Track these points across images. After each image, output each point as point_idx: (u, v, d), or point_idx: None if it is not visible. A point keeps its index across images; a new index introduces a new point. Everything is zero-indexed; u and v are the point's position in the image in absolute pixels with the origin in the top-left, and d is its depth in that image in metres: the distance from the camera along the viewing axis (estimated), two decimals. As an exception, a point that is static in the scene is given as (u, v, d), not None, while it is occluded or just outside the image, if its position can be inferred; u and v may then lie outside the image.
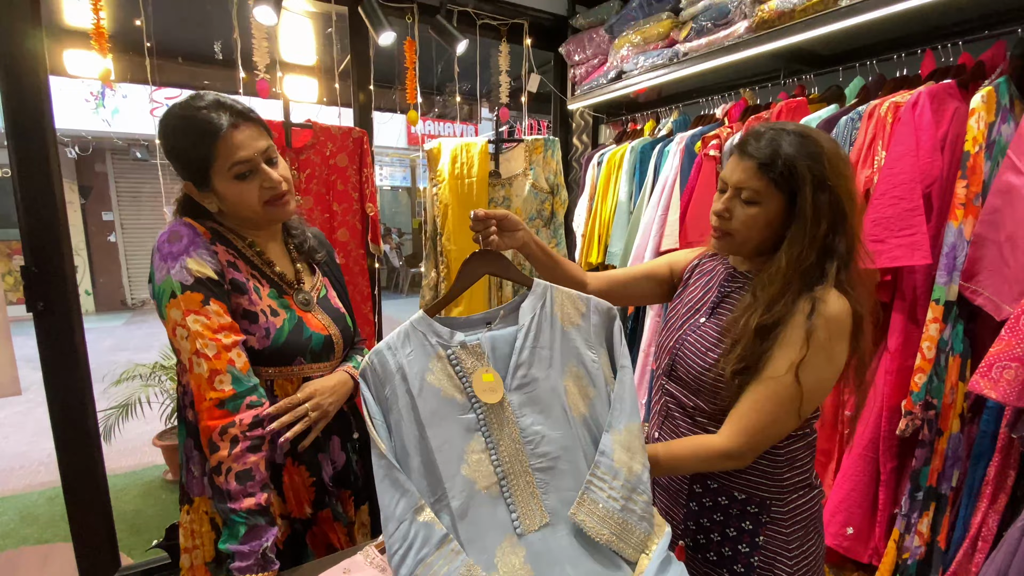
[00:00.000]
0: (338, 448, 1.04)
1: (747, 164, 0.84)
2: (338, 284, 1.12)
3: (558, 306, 0.84)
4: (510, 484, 0.77)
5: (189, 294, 0.82)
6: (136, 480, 3.05)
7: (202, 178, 0.88)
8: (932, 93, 1.22)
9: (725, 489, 0.91)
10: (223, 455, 0.81)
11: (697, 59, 1.74)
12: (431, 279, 2.12)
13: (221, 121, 0.84)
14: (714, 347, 0.89)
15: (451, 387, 0.79)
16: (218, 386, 0.82)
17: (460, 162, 2.00)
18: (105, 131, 6.70)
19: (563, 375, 0.81)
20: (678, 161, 1.77)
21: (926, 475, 1.25)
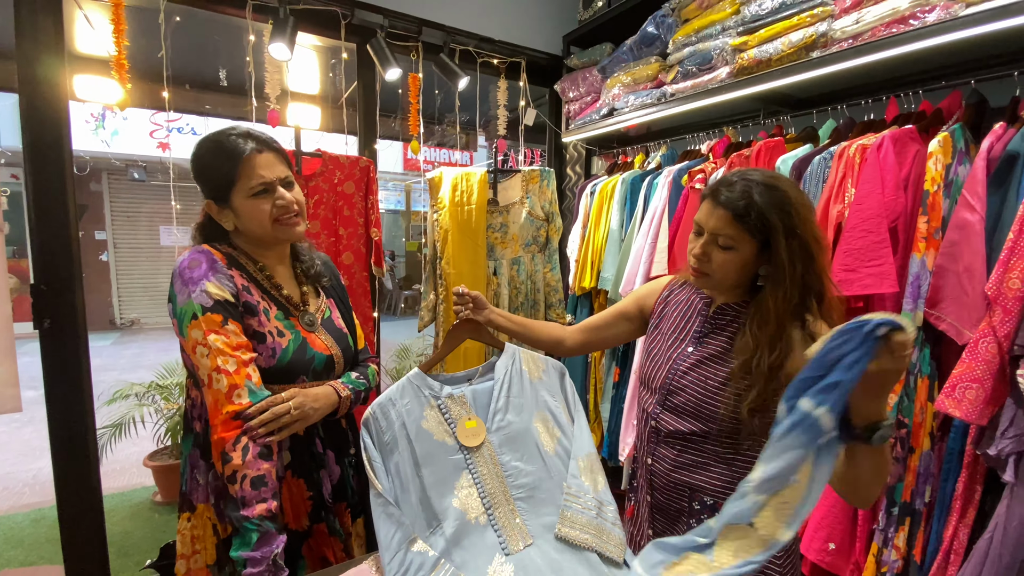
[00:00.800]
0: (333, 462, 1.10)
1: (721, 212, 0.91)
2: (342, 305, 1.19)
3: (525, 364, 1.06)
4: (495, 513, 0.91)
5: (210, 315, 0.90)
6: (125, 501, 3.02)
7: (223, 196, 0.97)
8: (895, 137, 1.35)
9: (720, 504, 0.92)
10: (237, 463, 0.87)
11: (683, 99, 1.87)
12: (430, 301, 2.19)
13: (247, 146, 0.95)
14: (712, 376, 0.96)
15: (442, 432, 0.95)
16: (236, 399, 0.88)
17: (460, 190, 2.10)
18: (103, 152, 6.79)
19: (533, 418, 1.00)
20: (666, 193, 1.88)
21: (900, 491, 1.33)
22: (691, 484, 1.00)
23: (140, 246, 8.64)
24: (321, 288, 1.15)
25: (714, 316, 1.02)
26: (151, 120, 6.67)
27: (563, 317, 2.25)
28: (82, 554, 1.80)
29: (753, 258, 0.93)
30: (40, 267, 1.67)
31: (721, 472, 0.97)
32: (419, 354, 4.13)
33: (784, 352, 0.88)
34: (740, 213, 0.89)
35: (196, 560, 1.02)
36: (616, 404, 2.16)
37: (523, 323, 1.20)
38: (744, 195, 0.90)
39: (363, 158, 1.95)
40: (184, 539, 1.03)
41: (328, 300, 1.16)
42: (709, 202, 0.94)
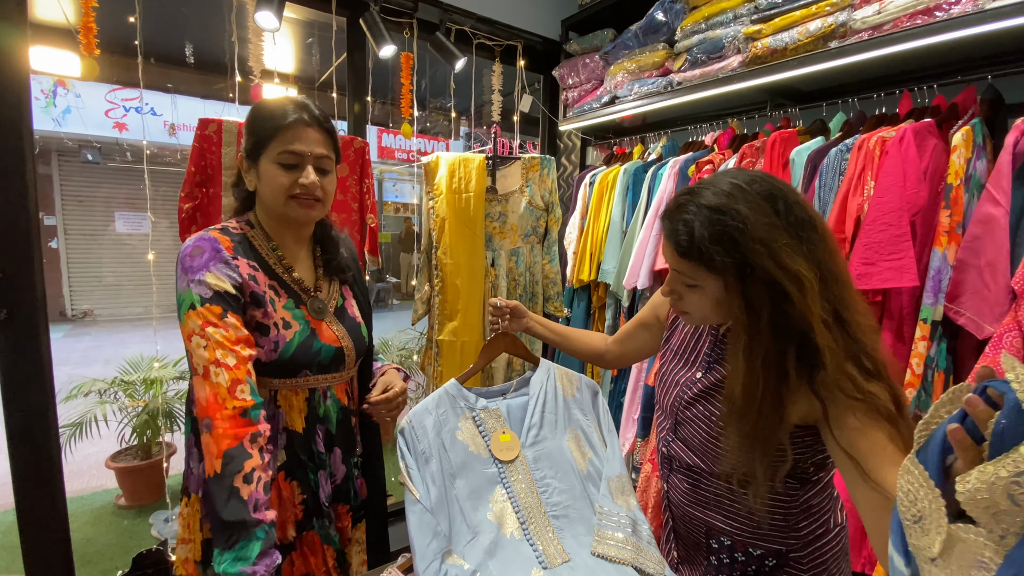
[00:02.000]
0: (339, 460, 1.04)
1: (672, 250, 0.76)
2: (361, 295, 1.12)
3: (559, 380, 1.06)
4: (531, 528, 0.90)
5: (209, 307, 0.84)
6: (86, 506, 2.82)
7: (255, 153, 0.92)
8: (916, 130, 1.34)
9: (740, 545, 0.87)
10: (257, 463, 0.80)
11: (690, 88, 1.83)
12: (424, 293, 2.10)
13: (297, 115, 0.91)
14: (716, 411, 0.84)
15: (477, 444, 0.94)
16: (240, 395, 0.82)
17: (458, 176, 2.00)
18: (54, 131, 6.33)
19: (565, 436, 1.00)
20: (672, 184, 1.84)
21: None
22: (707, 522, 0.90)
23: (94, 233, 8.12)
24: (342, 279, 1.09)
25: (723, 340, 0.88)
26: (107, 98, 6.26)
27: (561, 311, 2.19)
28: (45, 562, 1.65)
29: (725, 290, 0.74)
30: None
31: (738, 513, 0.86)
32: (400, 348, 4.02)
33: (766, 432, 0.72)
34: (687, 251, 0.73)
35: (191, 549, 0.96)
36: (614, 398, 2.13)
37: (562, 332, 1.18)
38: (686, 225, 0.73)
39: (357, 139, 1.83)
40: (183, 522, 0.98)
41: (345, 288, 1.09)
42: (667, 241, 0.77)
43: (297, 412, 0.96)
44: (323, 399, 1.00)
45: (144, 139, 1.50)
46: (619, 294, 2.04)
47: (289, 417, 0.95)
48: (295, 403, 0.96)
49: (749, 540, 0.86)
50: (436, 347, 2.05)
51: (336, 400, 1.02)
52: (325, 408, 1.00)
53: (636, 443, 1.95)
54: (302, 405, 0.97)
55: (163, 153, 6.20)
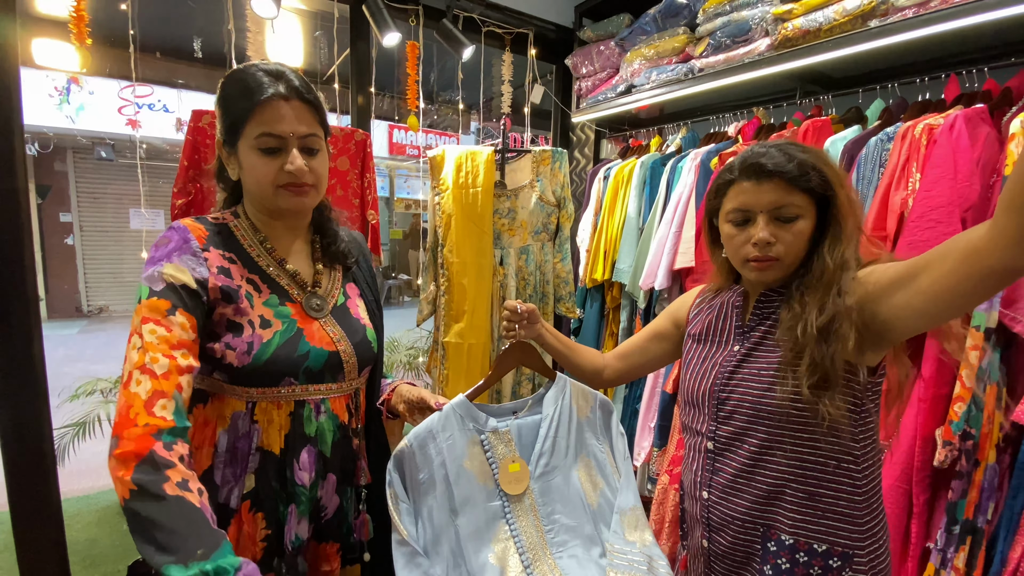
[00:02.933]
0: (332, 490, 0.87)
1: (776, 183, 0.81)
2: (370, 293, 0.98)
3: (574, 399, 0.96)
4: (535, 571, 0.81)
5: (155, 300, 0.72)
6: (91, 505, 2.79)
7: (232, 137, 0.80)
8: (967, 117, 1.21)
9: (803, 543, 0.82)
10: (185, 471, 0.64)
11: (713, 75, 1.71)
12: (429, 293, 2.01)
13: (273, 88, 0.78)
14: (764, 368, 0.85)
15: (484, 475, 0.86)
16: (158, 411, 0.65)
17: (465, 171, 1.91)
18: (68, 128, 6.37)
19: (576, 464, 0.91)
20: (693, 178, 1.73)
21: (963, 508, 1.21)
22: (765, 519, 0.84)
23: (108, 229, 8.19)
24: (343, 269, 0.96)
25: (756, 307, 0.91)
26: (119, 95, 6.27)
27: (573, 311, 2.09)
28: (40, 566, 1.60)
29: (815, 225, 0.84)
30: (-14, 250, 1.45)
31: (801, 501, 0.82)
32: (409, 347, 3.95)
33: (831, 313, 0.77)
34: (797, 175, 0.80)
35: None
36: (629, 405, 2.02)
37: (568, 345, 1.10)
38: (790, 158, 0.81)
39: (359, 131, 1.75)
40: None
41: (349, 285, 0.96)
42: (747, 180, 0.84)
43: (276, 429, 0.82)
44: (314, 414, 0.84)
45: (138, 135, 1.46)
46: (635, 294, 1.94)
47: (266, 435, 0.81)
48: (275, 418, 0.81)
49: (814, 534, 0.82)
50: (442, 349, 1.96)
51: (333, 416, 0.87)
52: (317, 426, 0.84)
53: (652, 453, 1.85)
54: (283, 421, 0.82)
55: (174, 150, 6.21)
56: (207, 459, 0.80)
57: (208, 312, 0.78)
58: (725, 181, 0.88)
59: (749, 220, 0.84)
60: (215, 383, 0.80)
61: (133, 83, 5.36)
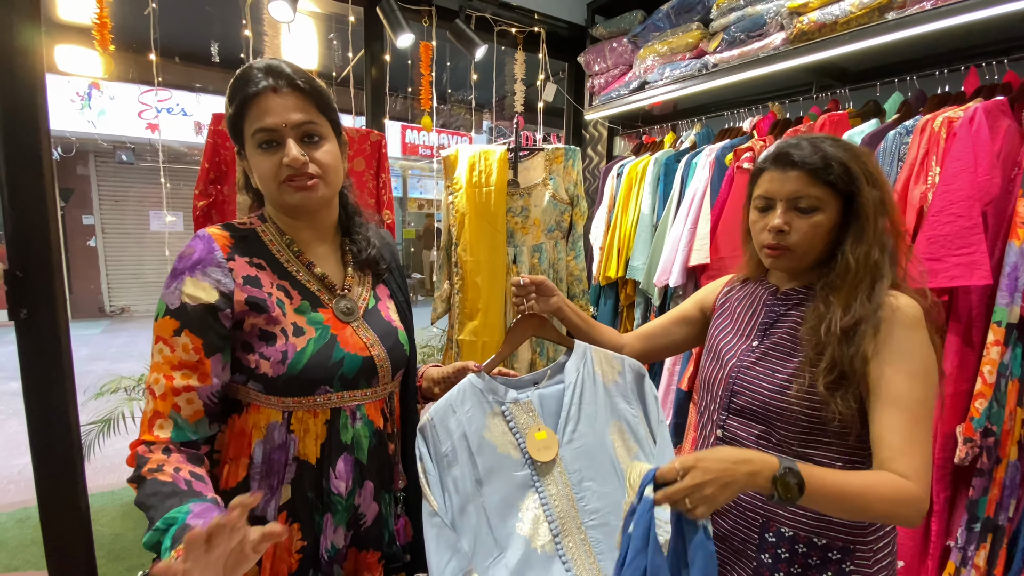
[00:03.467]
0: (371, 497, 0.85)
1: (799, 174, 0.82)
2: (401, 295, 0.95)
3: (597, 365, 0.92)
4: (564, 542, 0.79)
5: (167, 320, 0.74)
6: (115, 501, 2.86)
7: (238, 140, 0.80)
8: (987, 109, 1.19)
9: (802, 536, 0.82)
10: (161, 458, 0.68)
11: (727, 71, 1.70)
12: (444, 291, 2.03)
13: (262, 82, 0.75)
14: (780, 367, 0.84)
15: (507, 444, 0.83)
16: (156, 430, 0.71)
17: (478, 170, 1.92)
18: (90, 132, 6.51)
19: (608, 429, 0.87)
20: (708, 173, 1.72)
21: (983, 505, 1.19)
22: (764, 511, 0.85)
23: (129, 231, 8.37)
24: (375, 273, 0.93)
25: (779, 302, 0.91)
26: (139, 100, 6.40)
27: (587, 309, 2.09)
28: (67, 559, 1.65)
29: (837, 221, 0.84)
30: (15, 252, 1.50)
31: None
32: (423, 346, 3.97)
33: (858, 316, 0.78)
34: (820, 167, 0.81)
35: None
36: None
37: (588, 320, 1.07)
38: (817, 150, 0.82)
39: (374, 132, 1.77)
40: None
41: (380, 287, 0.93)
42: (776, 169, 0.85)
43: (313, 438, 0.80)
44: (351, 421, 0.82)
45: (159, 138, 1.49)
46: (649, 292, 1.93)
47: (303, 444, 0.79)
48: (312, 427, 0.80)
49: (814, 528, 0.82)
50: (456, 347, 1.98)
51: (369, 423, 0.84)
52: (353, 433, 0.82)
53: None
54: (320, 430, 0.80)
55: (192, 153, 6.32)
56: (243, 470, 0.78)
57: (236, 324, 0.77)
58: (758, 169, 0.90)
59: (770, 208, 0.86)
60: (250, 393, 0.79)
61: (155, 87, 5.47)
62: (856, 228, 0.81)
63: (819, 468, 0.70)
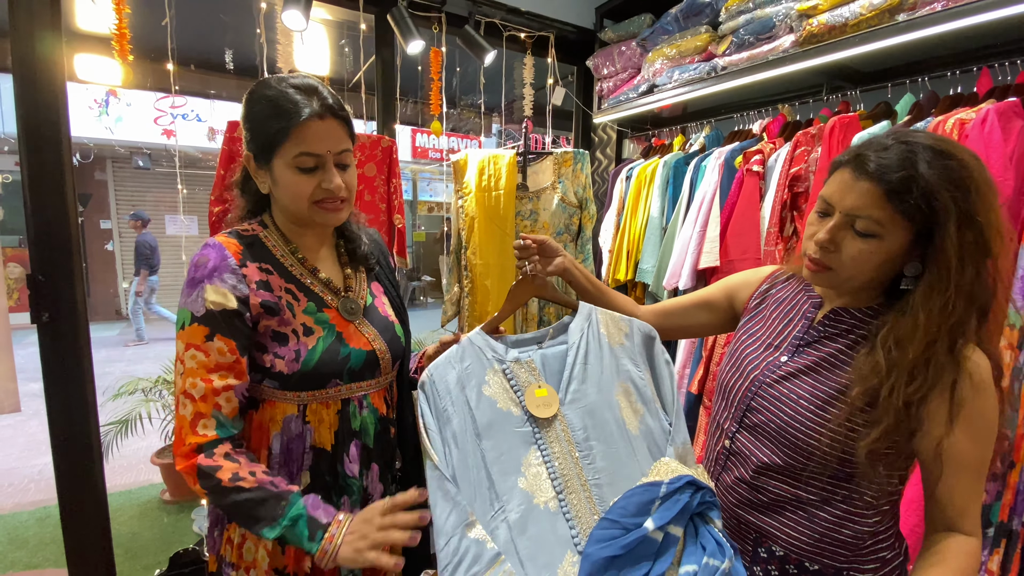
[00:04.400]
0: (376, 478, 0.94)
1: (868, 187, 0.69)
2: (392, 290, 1.02)
3: (603, 326, 0.89)
4: (568, 499, 0.77)
5: (195, 327, 0.78)
6: (132, 500, 2.91)
7: (266, 155, 0.82)
8: (999, 111, 1.18)
9: (794, 558, 0.80)
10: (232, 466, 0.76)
11: (736, 73, 1.70)
12: (453, 294, 2.05)
13: (308, 107, 0.79)
14: (807, 393, 0.78)
15: (507, 400, 0.81)
16: (200, 430, 0.77)
17: (488, 174, 1.94)
18: (107, 139, 6.65)
19: (614, 390, 0.84)
20: (717, 176, 1.72)
21: (997, 510, 1.18)
22: (760, 528, 0.83)
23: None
24: (367, 270, 0.99)
25: (823, 322, 0.82)
26: (155, 106, 6.52)
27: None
28: (86, 556, 1.70)
29: (902, 251, 0.70)
30: (38, 257, 1.54)
31: (799, 521, 0.79)
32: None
33: (927, 383, 0.68)
34: (897, 189, 0.66)
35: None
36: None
37: (599, 286, 1.01)
38: (905, 163, 0.67)
39: (385, 137, 1.79)
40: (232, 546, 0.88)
41: (375, 284, 0.99)
42: (849, 171, 0.72)
43: (327, 427, 0.87)
44: (359, 410, 0.90)
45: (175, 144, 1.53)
46: (658, 295, 1.93)
47: (318, 433, 0.86)
48: (325, 417, 0.87)
49: (807, 554, 0.79)
50: (466, 350, 1.99)
51: (374, 410, 0.92)
52: (361, 420, 0.90)
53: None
54: (332, 419, 0.87)
55: (207, 158, 6.43)
56: (263, 461, 0.84)
57: (252, 326, 0.82)
58: (836, 162, 0.77)
59: (828, 214, 0.75)
60: (265, 390, 0.85)
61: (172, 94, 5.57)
62: (932, 275, 0.68)
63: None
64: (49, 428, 1.59)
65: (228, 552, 0.88)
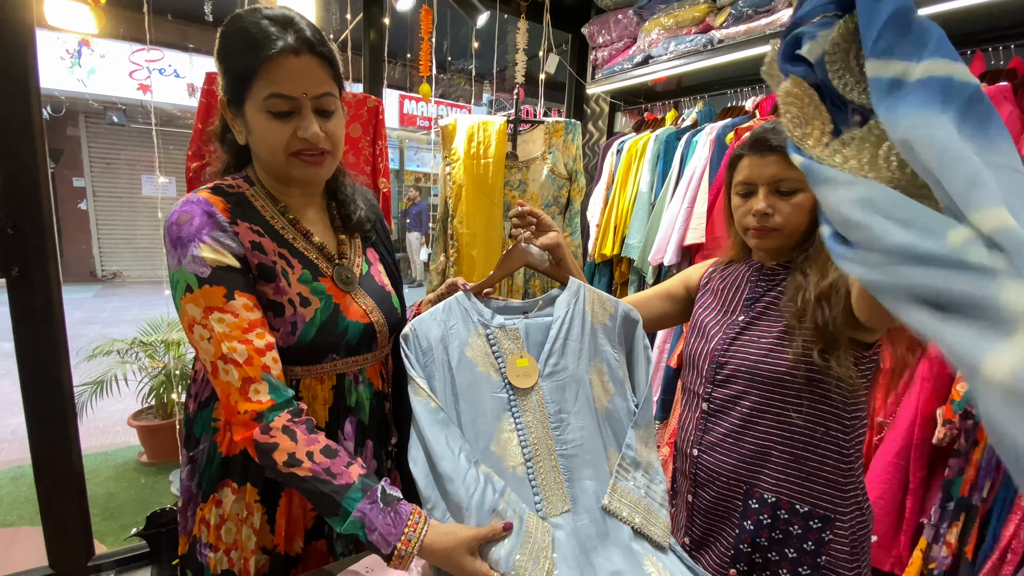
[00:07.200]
0: (371, 454, 0.89)
1: (776, 157, 0.85)
2: (388, 257, 0.96)
3: (589, 304, 0.91)
4: (536, 467, 0.80)
5: (208, 288, 0.70)
6: (108, 461, 2.89)
7: (237, 96, 0.73)
8: (989, 95, 1.18)
9: (784, 501, 0.86)
10: (290, 445, 0.69)
11: (733, 47, 1.68)
12: (439, 263, 2.03)
13: (281, 40, 0.68)
14: (765, 334, 0.89)
15: (487, 364, 0.83)
16: (253, 396, 0.69)
17: (476, 141, 1.90)
18: (80, 92, 6.35)
19: (589, 368, 0.87)
20: (708, 152, 1.71)
21: (959, 485, 1.23)
22: (749, 478, 0.89)
23: (121, 195, 8.26)
24: (363, 237, 0.92)
25: (763, 279, 0.95)
26: (130, 59, 6.23)
27: (581, 285, 2.10)
28: (61, 515, 1.68)
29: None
30: (6, 209, 1.48)
31: (787, 463, 0.86)
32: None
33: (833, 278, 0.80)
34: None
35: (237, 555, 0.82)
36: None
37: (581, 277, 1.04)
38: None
39: (371, 97, 1.74)
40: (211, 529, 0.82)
41: (370, 251, 0.93)
42: (754, 155, 0.89)
43: (321, 404, 0.82)
44: (354, 385, 0.85)
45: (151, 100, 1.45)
46: (643, 270, 1.94)
47: (312, 409, 0.81)
48: (320, 393, 0.82)
49: (796, 495, 0.86)
50: (450, 319, 1.99)
51: (369, 384, 0.87)
52: (357, 396, 0.85)
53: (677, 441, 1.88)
54: (327, 395, 0.82)
55: (185, 116, 6.19)
56: None
57: (254, 287, 0.75)
58: (736, 155, 0.93)
59: (752, 193, 0.89)
60: None
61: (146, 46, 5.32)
62: None
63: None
64: (21, 386, 1.56)
65: (204, 533, 0.82)
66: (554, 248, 0.95)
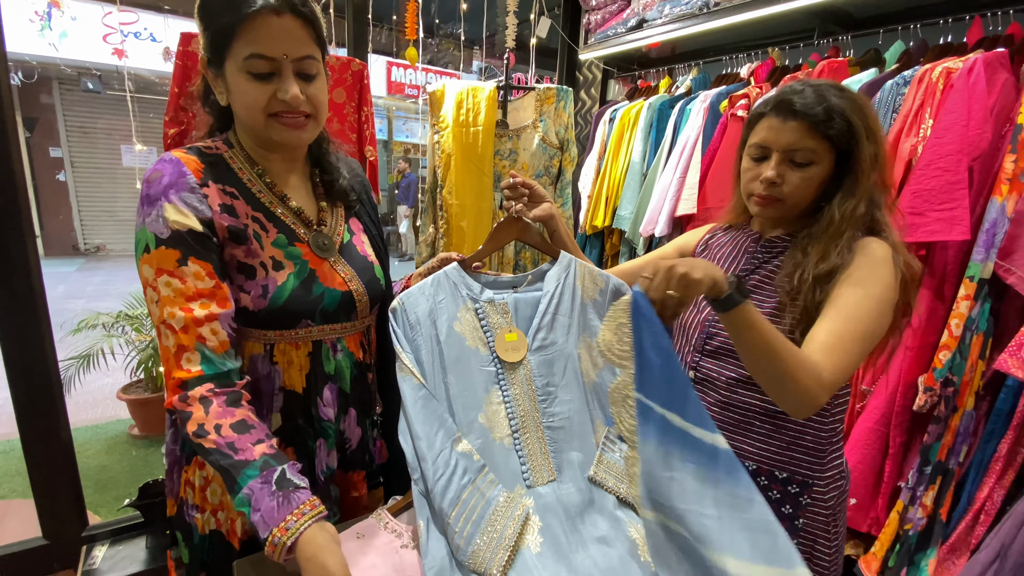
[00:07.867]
0: (354, 423, 0.90)
1: (797, 123, 0.81)
2: (374, 228, 0.95)
3: (580, 279, 0.90)
4: (522, 438, 0.82)
5: (163, 250, 0.69)
6: (100, 434, 2.89)
7: (217, 56, 0.72)
8: (987, 61, 1.17)
9: (765, 469, 0.88)
10: (200, 415, 0.68)
11: (728, 10, 1.63)
12: (428, 235, 2.00)
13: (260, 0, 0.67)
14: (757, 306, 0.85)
15: (476, 339, 0.83)
16: (184, 364, 0.69)
17: (466, 108, 1.85)
18: (52, 57, 6.09)
19: (578, 343, 0.87)
20: (701, 120, 1.68)
21: (936, 450, 1.26)
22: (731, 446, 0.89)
23: (100, 165, 8.00)
24: (346, 207, 0.91)
25: (761, 250, 0.92)
26: (103, 22, 5.96)
27: (572, 256, 2.09)
28: (54, 488, 1.68)
29: (829, 173, 0.83)
30: (-24, 177, 1.42)
31: (769, 433, 0.87)
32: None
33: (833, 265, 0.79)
34: (822, 119, 0.79)
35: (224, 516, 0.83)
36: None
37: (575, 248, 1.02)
38: (820, 100, 0.80)
39: (355, 60, 1.67)
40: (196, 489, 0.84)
41: (353, 220, 0.92)
42: (775, 117, 0.83)
43: (297, 369, 0.82)
44: (332, 353, 0.85)
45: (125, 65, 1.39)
46: (635, 241, 1.93)
47: (287, 375, 0.81)
48: (295, 359, 0.81)
49: (776, 462, 0.87)
50: (440, 291, 1.98)
51: (349, 354, 0.87)
52: (335, 364, 0.85)
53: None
54: (303, 361, 0.82)
55: (163, 82, 5.97)
56: None
57: (220, 251, 0.74)
58: (757, 114, 0.87)
59: (766, 157, 0.85)
60: None
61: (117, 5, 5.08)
62: (849, 183, 0.81)
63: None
64: (4, 359, 1.54)
65: (190, 495, 0.84)
66: (547, 220, 0.93)
